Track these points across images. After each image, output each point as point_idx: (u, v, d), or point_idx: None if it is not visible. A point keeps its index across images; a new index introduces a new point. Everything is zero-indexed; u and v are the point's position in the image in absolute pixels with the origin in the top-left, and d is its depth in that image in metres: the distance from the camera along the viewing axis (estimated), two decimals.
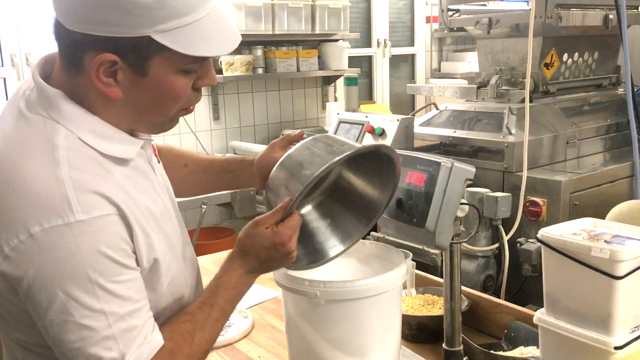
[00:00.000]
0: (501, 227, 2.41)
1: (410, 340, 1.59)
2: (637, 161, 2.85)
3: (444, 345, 1.41)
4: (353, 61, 4.88)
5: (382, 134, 2.98)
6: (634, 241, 1.17)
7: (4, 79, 3.64)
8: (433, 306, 1.66)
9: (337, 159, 1.06)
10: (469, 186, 1.75)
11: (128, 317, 0.92)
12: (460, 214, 1.30)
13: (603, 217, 1.85)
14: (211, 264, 2.03)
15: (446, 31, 3.92)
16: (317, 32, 4.28)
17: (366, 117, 3.12)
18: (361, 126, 3.08)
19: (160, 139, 3.85)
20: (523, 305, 1.62)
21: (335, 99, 4.87)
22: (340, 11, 4.36)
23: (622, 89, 3.36)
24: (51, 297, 0.88)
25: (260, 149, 1.25)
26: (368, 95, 5.38)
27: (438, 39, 5.73)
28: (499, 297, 2.08)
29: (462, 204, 1.29)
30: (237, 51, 4.06)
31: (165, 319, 1.03)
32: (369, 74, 5.38)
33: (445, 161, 1.27)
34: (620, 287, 1.12)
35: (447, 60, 5.77)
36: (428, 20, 5.62)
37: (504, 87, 3.07)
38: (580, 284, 1.18)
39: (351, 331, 1.23)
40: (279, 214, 1.06)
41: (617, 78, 3.50)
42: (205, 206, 3.25)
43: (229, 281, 1.06)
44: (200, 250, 2.02)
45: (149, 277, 0.99)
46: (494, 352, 1.42)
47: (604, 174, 2.77)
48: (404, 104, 5.57)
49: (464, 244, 1.43)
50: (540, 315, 1.27)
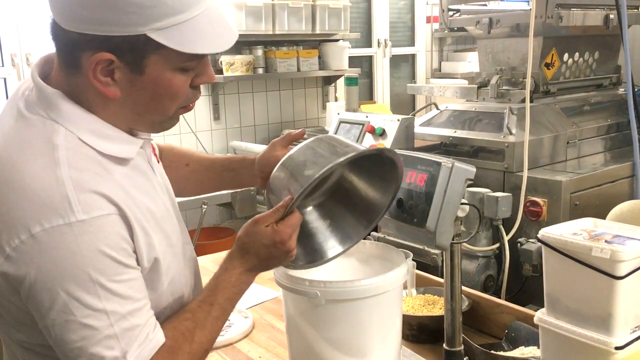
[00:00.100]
0: (502, 227, 2.41)
1: (410, 340, 1.59)
2: (638, 161, 2.85)
3: (444, 345, 1.41)
4: (353, 61, 4.88)
5: (383, 134, 2.98)
6: (634, 241, 1.16)
7: (5, 79, 3.64)
8: (433, 306, 1.66)
9: (340, 160, 1.05)
10: (469, 186, 1.75)
11: (129, 316, 0.92)
12: (460, 214, 1.30)
13: (603, 217, 1.85)
14: (211, 264, 2.03)
15: (447, 31, 3.91)
16: (318, 32, 4.28)
17: (366, 117, 3.12)
18: (361, 126, 3.08)
19: (161, 139, 3.85)
20: (523, 306, 1.62)
21: (336, 99, 4.87)
22: (340, 11, 4.36)
23: (623, 89, 3.36)
24: (52, 297, 0.89)
25: (260, 149, 1.25)
26: (368, 95, 5.38)
27: (438, 38, 5.73)
28: (499, 297, 2.08)
29: (462, 204, 1.29)
30: (238, 51, 4.07)
31: (165, 318, 1.03)
32: (369, 74, 5.38)
33: (445, 161, 1.27)
34: (620, 287, 1.12)
35: (447, 60, 5.77)
36: (428, 20, 5.62)
37: (504, 87, 3.07)
38: (580, 284, 1.18)
39: (351, 331, 1.23)
40: (279, 212, 1.06)
41: (618, 78, 3.50)
42: (205, 206, 3.25)
43: (228, 280, 1.06)
44: (200, 250, 2.02)
45: (149, 276, 0.99)
46: (494, 352, 1.42)
47: (605, 174, 2.77)
48: (404, 104, 5.57)
49: (464, 244, 1.43)
50: (540, 316, 1.27)
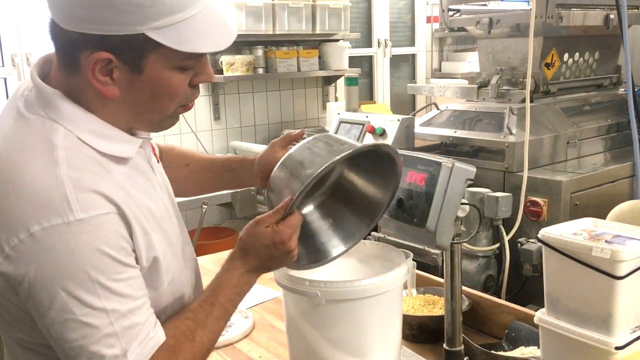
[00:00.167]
0: (502, 227, 2.41)
1: (411, 340, 1.59)
2: (638, 161, 2.85)
3: (444, 345, 1.41)
4: (354, 61, 4.88)
5: (383, 134, 2.98)
6: (634, 241, 1.16)
7: (5, 79, 3.64)
8: (434, 306, 1.66)
9: (337, 158, 1.06)
10: (469, 186, 1.75)
11: (130, 314, 0.92)
12: (460, 214, 1.30)
13: (604, 217, 1.85)
14: (212, 264, 2.03)
15: (447, 31, 3.90)
16: (318, 32, 4.28)
17: (367, 117, 3.12)
18: (362, 126, 3.08)
19: (161, 139, 3.85)
20: (524, 306, 1.62)
21: (336, 99, 4.87)
22: (340, 11, 4.36)
23: (623, 89, 3.36)
24: (52, 296, 0.89)
25: (260, 149, 1.25)
26: (369, 95, 5.38)
27: (439, 38, 5.73)
28: (499, 297, 2.08)
29: (462, 204, 1.29)
30: (238, 51, 4.07)
31: (166, 317, 1.03)
32: (369, 74, 5.38)
33: (446, 161, 1.27)
34: (621, 287, 1.12)
35: (447, 60, 5.77)
36: (429, 20, 5.62)
37: (504, 87, 3.06)
38: (581, 284, 1.18)
39: (352, 331, 1.23)
40: (279, 213, 1.06)
41: (618, 78, 3.50)
42: (205, 206, 3.25)
43: (230, 280, 1.06)
44: (200, 250, 2.02)
45: (149, 275, 0.99)
46: (494, 352, 1.42)
47: (605, 174, 2.76)
48: (404, 104, 5.57)
49: (464, 244, 1.43)
50: (541, 316, 1.27)
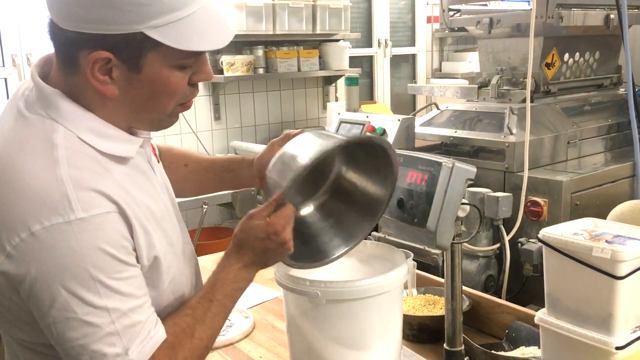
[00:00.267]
0: (502, 227, 2.40)
1: (411, 340, 1.59)
2: (638, 161, 2.85)
3: (445, 345, 1.41)
4: (354, 61, 4.88)
5: (383, 134, 2.98)
6: (635, 241, 1.16)
7: (5, 79, 3.64)
8: (434, 306, 1.66)
9: (326, 149, 1.06)
10: (470, 186, 1.75)
11: (131, 313, 0.92)
12: (461, 214, 1.30)
13: (604, 217, 1.84)
14: (212, 263, 2.01)
15: (447, 31, 3.90)
16: (318, 32, 4.28)
17: (367, 117, 3.12)
18: (362, 126, 3.08)
19: (162, 139, 3.86)
20: (524, 306, 1.62)
21: (336, 99, 4.87)
22: (341, 11, 4.36)
23: (623, 89, 3.36)
24: (53, 295, 0.89)
25: (261, 149, 1.25)
26: (369, 95, 5.38)
27: (439, 38, 5.73)
28: (500, 297, 2.08)
29: (463, 204, 1.29)
30: (238, 51, 4.07)
31: (166, 316, 1.03)
32: (369, 74, 5.38)
33: (446, 161, 1.27)
34: (621, 287, 1.12)
35: (448, 60, 5.77)
36: (429, 20, 5.62)
37: (505, 87, 3.07)
38: (581, 284, 1.18)
39: (352, 331, 1.23)
40: (271, 206, 1.07)
41: (618, 78, 3.50)
42: (206, 206, 3.25)
43: (226, 276, 1.06)
44: (201, 250, 2.02)
45: (149, 275, 0.99)
46: (495, 352, 1.42)
47: (605, 174, 2.76)
48: (404, 104, 5.57)
49: (465, 244, 1.43)
50: (541, 316, 1.27)
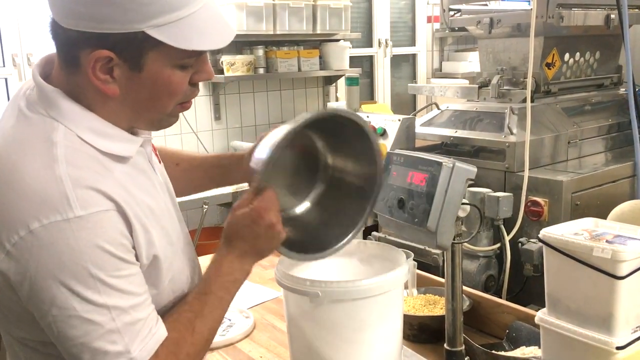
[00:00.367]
0: (502, 227, 2.40)
1: (411, 340, 1.59)
2: (639, 161, 2.84)
3: (445, 345, 1.41)
4: (354, 61, 4.88)
5: (384, 133, 2.98)
6: (635, 241, 1.16)
7: (6, 79, 3.64)
8: (434, 306, 1.66)
9: (291, 128, 1.05)
10: (470, 186, 1.75)
11: (131, 310, 0.92)
12: (461, 214, 1.30)
13: (605, 217, 1.84)
14: None
15: (447, 31, 3.92)
16: (319, 32, 4.28)
17: (367, 117, 3.12)
18: None
19: (162, 139, 3.86)
20: (524, 306, 1.62)
21: (337, 99, 4.87)
22: (341, 11, 4.36)
23: (624, 89, 3.36)
24: (53, 293, 0.89)
25: None
26: (369, 95, 5.38)
27: (439, 38, 5.73)
28: (500, 297, 2.08)
29: (463, 203, 1.29)
30: (239, 51, 4.07)
31: (165, 313, 1.03)
32: (370, 74, 5.38)
33: (446, 161, 1.27)
34: (622, 287, 1.12)
35: (448, 60, 5.77)
36: (429, 20, 5.62)
37: (505, 87, 3.06)
38: (582, 284, 1.18)
39: (352, 331, 1.23)
40: (251, 193, 1.07)
41: (619, 78, 3.50)
42: (206, 206, 3.25)
43: (219, 269, 1.06)
44: (201, 250, 2.01)
45: (149, 274, 0.99)
46: (495, 352, 1.42)
47: (606, 173, 2.76)
48: (405, 103, 5.57)
49: (465, 244, 1.43)
50: (541, 316, 1.27)
